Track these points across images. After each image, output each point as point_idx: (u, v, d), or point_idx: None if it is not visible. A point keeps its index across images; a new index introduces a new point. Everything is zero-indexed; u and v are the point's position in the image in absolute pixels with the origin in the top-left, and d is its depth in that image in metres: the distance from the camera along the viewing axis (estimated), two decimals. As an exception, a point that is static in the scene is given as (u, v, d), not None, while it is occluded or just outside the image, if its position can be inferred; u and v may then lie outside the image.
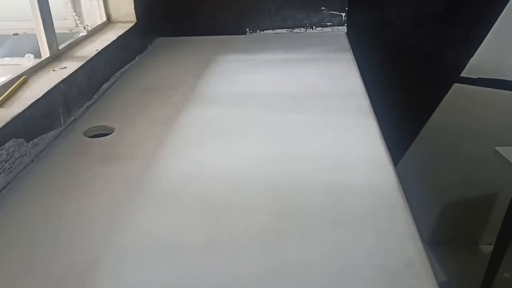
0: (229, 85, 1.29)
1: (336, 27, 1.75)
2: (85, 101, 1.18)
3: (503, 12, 1.69)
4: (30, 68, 1.10)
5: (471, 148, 1.83)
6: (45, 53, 1.18)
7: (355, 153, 0.93)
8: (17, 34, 1.37)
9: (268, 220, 0.74)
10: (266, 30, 1.78)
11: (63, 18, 1.44)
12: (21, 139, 0.91)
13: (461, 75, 1.80)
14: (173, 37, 1.77)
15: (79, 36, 1.38)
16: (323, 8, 1.73)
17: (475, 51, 1.76)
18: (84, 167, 0.92)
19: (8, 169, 0.87)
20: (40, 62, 1.15)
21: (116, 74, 1.39)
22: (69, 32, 1.43)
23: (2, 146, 0.85)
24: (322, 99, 1.19)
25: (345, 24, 1.74)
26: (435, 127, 1.88)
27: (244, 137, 1.02)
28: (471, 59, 1.77)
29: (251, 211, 0.77)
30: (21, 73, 1.07)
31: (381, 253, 0.66)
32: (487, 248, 1.87)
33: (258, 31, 1.78)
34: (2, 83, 1.01)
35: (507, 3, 1.68)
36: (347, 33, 1.73)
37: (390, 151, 0.93)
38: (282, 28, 1.76)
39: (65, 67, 1.15)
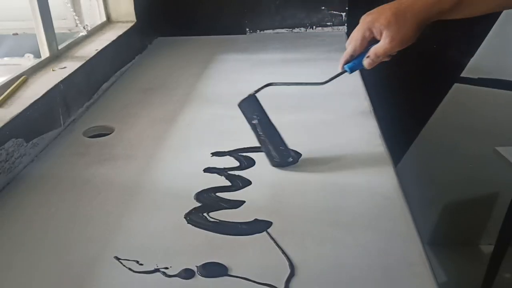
0: (229, 85, 1.29)
1: (336, 26, 1.75)
2: (84, 101, 1.18)
3: (503, 12, 1.69)
4: (29, 68, 1.10)
5: (471, 148, 1.83)
6: (45, 53, 1.18)
7: (355, 153, 0.93)
8: (17, 34, 1.37)
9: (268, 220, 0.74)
10: (266, 30, 1.78)
11: (63, 18, 1.44)
12: (21, 139, 0.91)
13: (461, 75, 1.80)
14: (173, 37, 1.76)
15: (79, 36, 1.38)
16: (323, 7, 1.73)
17: (475, 51, 1.75)
18: (84, 167, 0.92)
19: (8, 169, 0.87)
20: (39, 62, 1.15)
21: (116, 74, 1.38)
22: (68, 32, 1.43)
23: (2, 146, 0.85)
24: (322, 99, 1.19)
25: (346, 24, 1.74)
26: (435, 127, 1.88)
27: (244, 137, 1.02)
28: (471, 59, 1.77)
29: (251, 211, 0.76)
30: (21, 73, 1.07)
31: (381, 254, 0.66)
32: (488, 249, 1.86)
33: (258, 30, 1.78)
34: (2, 83, 1.01)
35: (507, 3, 1.68)
36: (347, 33, 1.72)
37: (390, 151, 0.92)
38: (282, 28, 1.76)
39: (64, 67, 1.15)
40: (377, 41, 0.82)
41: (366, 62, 0.84)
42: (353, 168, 0.87)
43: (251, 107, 0.89)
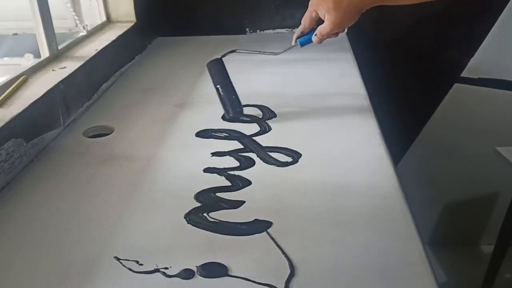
0: (229, 85, 1.29)
1: (336, 27, 1.74)
2: (84, 101, 1.18)
3: (503, 12, 1.69)
4: (29, 68, 1.10)
5: (471, 148, 1.83)
6: (45, 53, 1.18)
7: (355, 153, 0.93)
8: (17, 34, 1.37)
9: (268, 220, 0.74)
10: (266, 30, 1.78)
11: (63, 18, 1.44)
12: (21, 139, 0.91)
13: (461, 75, 1.80)
14: (172, 36, 1.76)
15: (79, 36, 1.38)
16: (323, 8, 1.72)
17: (475, 51, 1.75)
18: (84, 167, 0.92)
19: (8, 169, 0.87)
20: (39, 62, 1.15)
21: (116, 74, 1.38)
22: (68, 32, 1.43)
23: (2, 146, 0.85)
24: (322, 99, 1.19)
25: (345, 24, 1.74)
26: (436, 127, 1.88)
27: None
28: (471, 59, 1.77)
29: (251, 211, 0.76)
30: (21, 73, 1.07)
31: (381, 254, 0.66)
32: (488, 249, 1.86)
33: (258, 30, 1.78)
34: (2, 83, 1.01)
35: (507, 3, 1.68)
36: (347, 33, 1.72)
37: (390, 151, 0.92)
38: (282, 28, 1.76)
39: (64, 67, 1.15)
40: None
41: (314, 39, 0.98)
42: (353, 168, 0.88)
43: (218, 69, 1.10)
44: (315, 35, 0.97)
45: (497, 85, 1.78)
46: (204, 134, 1.02)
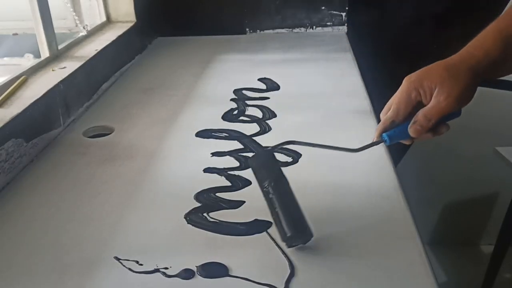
0: (229, 85, 1.29)
1: (336, 27, 1.75)
2: (84, 101, 1.18)
3: (503, 12, 1.69)
4: (29, 68, 1.10)
5: (471, 148, 1.83)
6: (45, 53, 1.18)
7: (355, 153, 0.93)
8: (17, 34, 1.37)
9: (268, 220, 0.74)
10: (266, 30, 1.78)
11: (63, 18, 1.44)
12: (21, 139, 0.91)
13: (461, 75, 1.79)
14: (172, 37, 1.76)
15: (79, 36, 1.38)
16: (323, 7, 1.72)
17: (475, 51, 1.75)
18: (84, 167, 0.92)
19: (8, 169, 0.87)
20: (39, 62, 1.15)
21: (116, 74, 1.38)
22: (68, 32, 1.43)
23: (2, 146, 0.85)
24: (322, 99, 1.19)
25: (345, 24, 1.74)
26: (435, 127, 1.88)
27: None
28: (471, 59, 1.76)
29: (251, 211, 0.76)
30: (21, 73, 1.07)
31: (381, 254, 0.66)
32: (488, 249, 1.86)
33: (258, 30, 1.78)
34: (2, 83, 1.01)
35: (507, 3, 1.68)
36: (347, 33, 1.72)
37: (390, 151, 0.92)
38: (282, 28, 1.76)
39: (64, 67, 1.15)
40: (422, 107, 0.69)
41: (412, 128, 0.69)
42: (353, 168, 0.87)
43: (266, 165, 0.71)
44: (414, 122, 0.68)
45: (497, 85, 1.78)
46: (204, 134, 1.02)
